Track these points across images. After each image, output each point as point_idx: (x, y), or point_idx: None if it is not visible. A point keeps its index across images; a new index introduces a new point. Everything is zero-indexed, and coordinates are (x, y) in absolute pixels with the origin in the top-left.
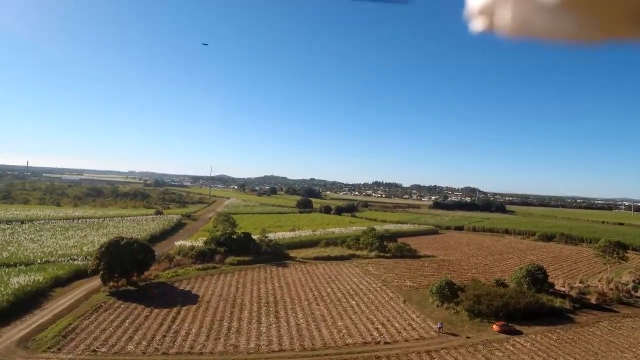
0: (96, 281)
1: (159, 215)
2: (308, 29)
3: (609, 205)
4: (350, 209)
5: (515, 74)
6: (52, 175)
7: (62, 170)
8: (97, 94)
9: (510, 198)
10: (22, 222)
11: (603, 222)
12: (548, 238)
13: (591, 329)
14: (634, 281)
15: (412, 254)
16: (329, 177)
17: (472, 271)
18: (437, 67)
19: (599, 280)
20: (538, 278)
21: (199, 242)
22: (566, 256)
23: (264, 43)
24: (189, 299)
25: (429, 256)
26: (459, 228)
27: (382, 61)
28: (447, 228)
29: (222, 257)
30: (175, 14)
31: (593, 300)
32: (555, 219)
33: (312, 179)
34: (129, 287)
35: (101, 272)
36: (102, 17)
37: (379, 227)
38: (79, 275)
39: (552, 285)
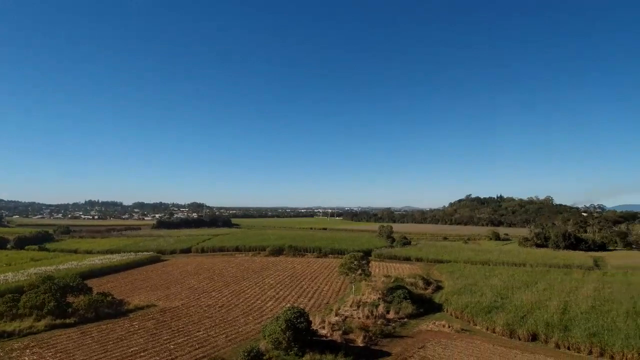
0: None
1: None
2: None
3: (310, 213)
4: (40, 239)
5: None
6: None
7: None
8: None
9: (235, 212)
10: None
11: (312, 229)
12: (278, 252)
13: None
14: (379, 298)
15: (116, 309)
16: (27, 197)
17: (206, 325)
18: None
19: (350, 305)
20: (300, 329)
21: None
22: (301, 273)
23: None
24: None
25: (142, 307)
26: (186, 250)
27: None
28: (172, 252)
29: None
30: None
31: (360, 342)
32: (275, 229)
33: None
34: None
35: None
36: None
37: (72, 265)
38: None
39: (314, 332)
